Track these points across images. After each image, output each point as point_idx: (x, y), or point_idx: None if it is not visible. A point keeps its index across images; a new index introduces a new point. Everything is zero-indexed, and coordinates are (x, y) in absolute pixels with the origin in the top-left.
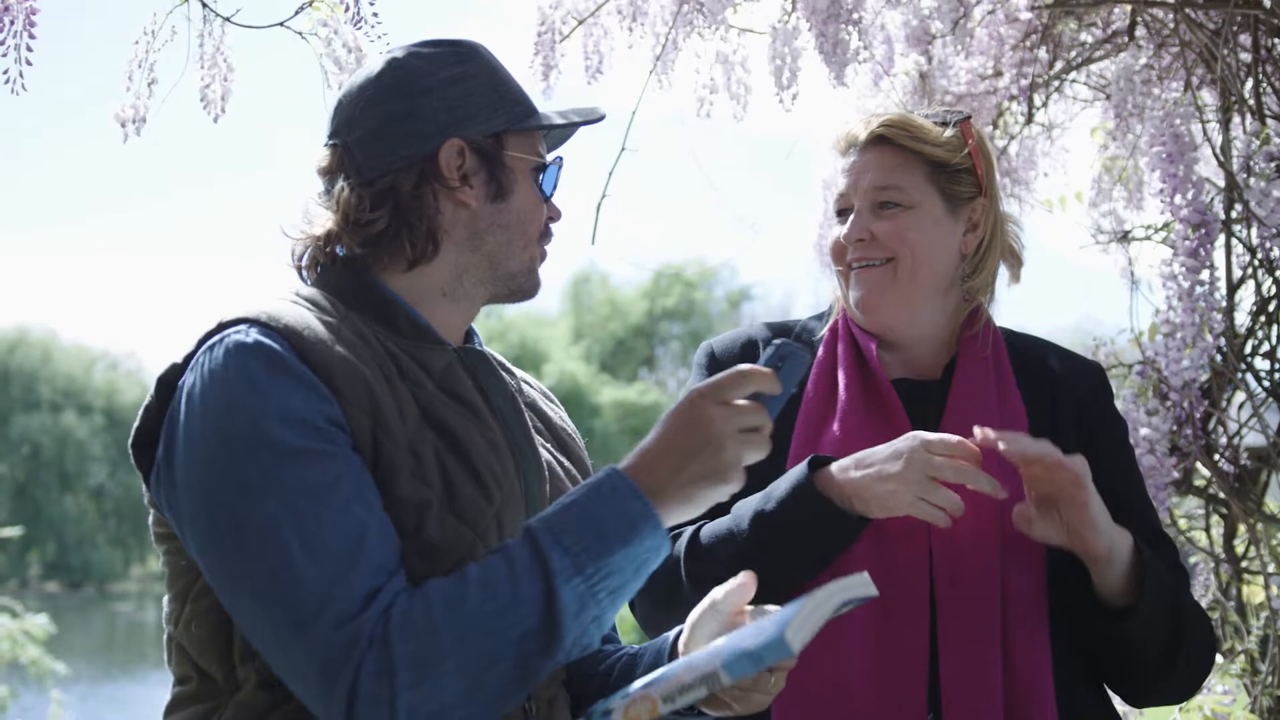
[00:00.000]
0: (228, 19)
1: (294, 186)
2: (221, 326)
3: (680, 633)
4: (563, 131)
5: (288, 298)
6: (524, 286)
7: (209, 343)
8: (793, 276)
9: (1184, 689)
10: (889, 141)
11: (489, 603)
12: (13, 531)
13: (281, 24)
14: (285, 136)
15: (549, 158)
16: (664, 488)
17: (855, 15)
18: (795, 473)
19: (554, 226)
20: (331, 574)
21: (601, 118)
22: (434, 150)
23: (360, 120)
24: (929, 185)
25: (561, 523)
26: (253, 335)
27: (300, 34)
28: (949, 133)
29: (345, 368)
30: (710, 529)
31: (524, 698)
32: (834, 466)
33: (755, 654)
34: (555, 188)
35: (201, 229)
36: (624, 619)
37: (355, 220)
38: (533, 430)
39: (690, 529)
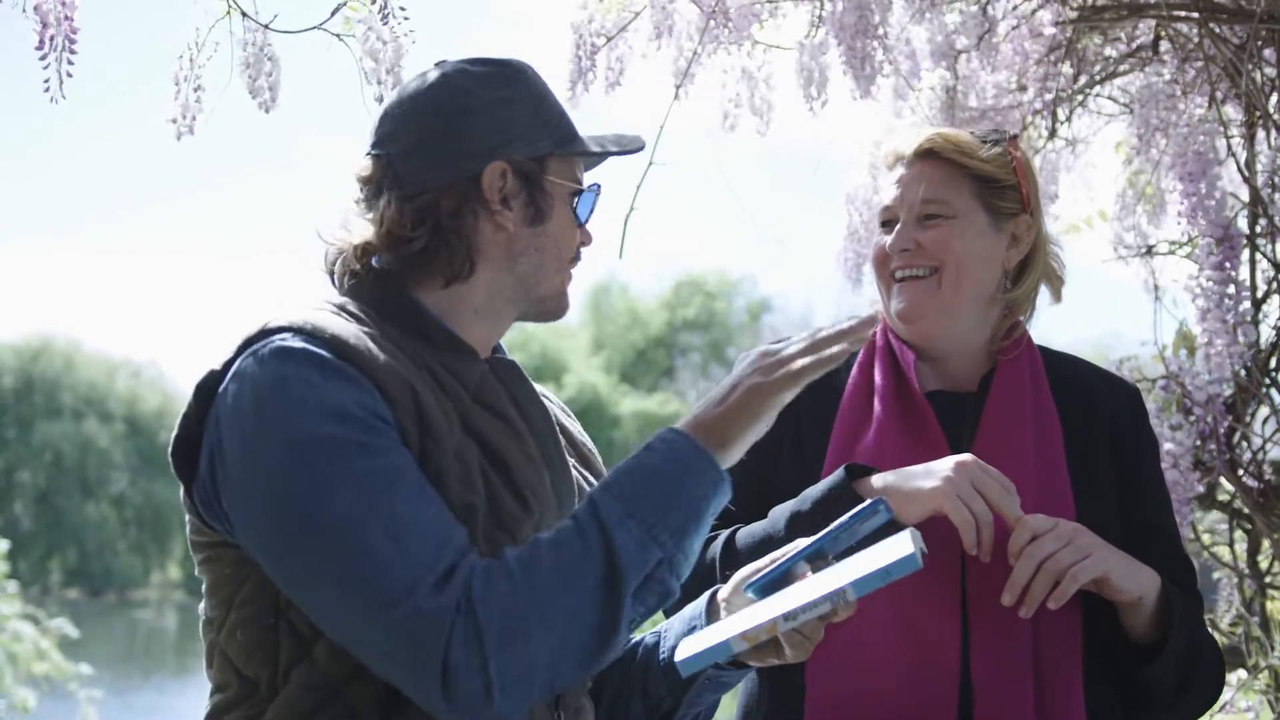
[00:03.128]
0: (266, 26)
1: (317, 189)
2: (264, 333)
3: (714, 594)
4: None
5: (325, 308)
6: (554, 309)
7: (251, 349)
8: (813, 288)
9: (1185, 717)
10: (937, 155)
11: (561, 559)
12: None
13: (319, 26)
14: (313, 141)
15: (586, 184)
16: (722, 445)
17: (881, 30)
18: (832, 476)
19: (583, 250)
20: (414, 556)
21: (641, 147)
22: (478, 171)
23: (404, 135)
24: (974, 200)
25: (614, 478)
26: (299, 342)
27: (338, 35)
28: (995, 149)
29: (392, 375)
30: (746, 532)
31: (606, 663)
32: (874, 477)
33: (885, 570)
34: (591, 214)
35: (223, 237)
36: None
37: (396, 236)
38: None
39: (726, 533)
